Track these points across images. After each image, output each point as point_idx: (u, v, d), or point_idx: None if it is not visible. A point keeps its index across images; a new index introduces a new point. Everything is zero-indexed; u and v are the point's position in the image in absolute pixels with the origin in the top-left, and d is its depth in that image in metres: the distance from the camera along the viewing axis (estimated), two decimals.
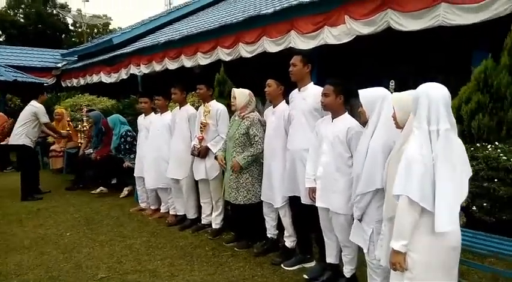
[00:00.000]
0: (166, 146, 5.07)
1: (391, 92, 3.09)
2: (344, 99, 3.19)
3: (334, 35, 6.01)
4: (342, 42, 5.93)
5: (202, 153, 4.50)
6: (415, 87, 2.81)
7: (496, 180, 3.57)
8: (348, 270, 3.26)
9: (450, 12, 4.58)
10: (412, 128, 2.11)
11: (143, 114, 5.65)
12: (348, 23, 5.76)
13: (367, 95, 2.77)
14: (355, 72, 6.99)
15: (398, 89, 5.25)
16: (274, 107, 3.98)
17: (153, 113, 5.58)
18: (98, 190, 6.78)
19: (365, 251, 2.89)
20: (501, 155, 3.59)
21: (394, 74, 6.59)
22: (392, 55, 7.08)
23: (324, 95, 3.20)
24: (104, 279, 3.64)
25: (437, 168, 1.99)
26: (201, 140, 4.52)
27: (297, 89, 3.75)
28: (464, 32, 4.86)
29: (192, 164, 4.77)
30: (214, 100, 4.68)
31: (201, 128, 4.51)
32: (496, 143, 3.71)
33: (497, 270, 3.02)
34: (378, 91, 2.81)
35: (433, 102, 2.04)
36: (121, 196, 6.53)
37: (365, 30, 5.58)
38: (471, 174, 2.13)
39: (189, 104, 5.11)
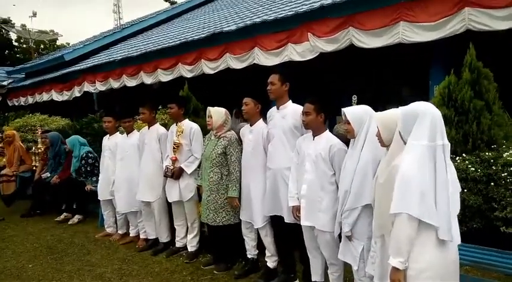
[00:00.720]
0: (137, 167, 4.92)
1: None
2: (324, 117, 3.23)
3: (298, 52, 6.09)
4: (306, 59, 6.01)
5: (176, 174, 4.38)
6: (375, 101, 2.95)
7: (465, 190, 3.72)
8: None
9: (409, 30, 4.79)
10: (408, 144, 2.14)
11: (107, 135, 5.45)
12: (312, 40, 5.87)
13: (355, 113, 2.83)
14: (317, 87, 7.14)
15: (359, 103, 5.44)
16: (251, 125, 3.96)
17: (117, 133, 5.39)
18: (62, 216, 6.37)
19: (355, 268, 2.91)
20: (469, 166, 3.75)
21: (354, 89, 6.82)
22: (352, 70, 7.31)
23: (305, 113, 3.23)
24: None
25: (440, 182, 2.05)
26: (174, 160, 4.41)
27: (275, 107, 3.76)
28: (422, 48, 5.11)
29: (163, 186, 4.64)
30: (187, 119, 4.58)
31: (174, 148, 4.39)
32: (464, 154, 3.88)
33: (474, 278, 3.13)
34: (364, 108, 2.87)
35: (438, 119, 2.13)
36: (69, 223, 6.21)
37: (328, 47, 5.69)
38: (460, 189, 2.21)
39: (158, 123, 4.97)
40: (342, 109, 2.91)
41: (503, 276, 3.20)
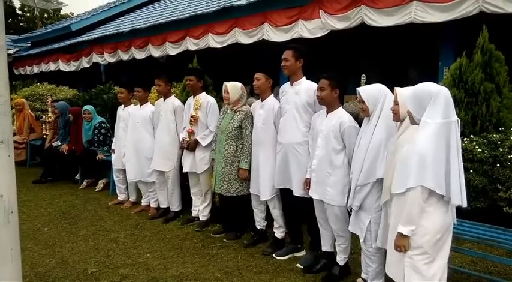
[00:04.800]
0: (147, 138, 5.04)
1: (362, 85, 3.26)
2: (339, 93, 3.30)
3: (308, 29, 6.09)
4: (316, 36, 6.02)
5: (191, 146, 4.49)
6: (383, 82, 3.03)
7: (471, 170, 3.84)
8: (341, 259, 3.41)
9: (422, 10, 4.80)
10: (422, 122, 2.26)
11: (122, 105, 5.54)
12: (323, 17, 5.86)
13: (370, 92, 2.90)
14: (325, 66, 7.17)
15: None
16: (262, 101, 4.03)
17: (132, 104, 5.48)
18: (85, 183, 6.56)
19: (361, 240, 3.05)
20: (476, 147, 3.85)
21: (363, 68, 6.86)
22: (361, 50, 7.32)
23: (320, 89, 3.29)
24: (96, 274, 3.58)
25: (453, 154, 2.22)
26: (190, 133, 4.51)
27: (288, 83, 3.83)
28: (432, 29, 5.12)
29: (178, 156, 4.79)
30: (204, 92, 4.64)
31: (191, 121, 4.49)
32: (471, 136, 3.97)
33: (478, 253, 3.27)
34: (379, 87, 2.94)
35: (449, 97, 2.28)
36: (96, 190, 6.37)
37: (339, 25, 5.70)
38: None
39: (173, 95, 5.05)
40: (357, 88, 2.98)
41: (506, 252, 3.35)
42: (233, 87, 4.10)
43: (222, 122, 4.22)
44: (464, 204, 2.25)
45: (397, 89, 2.63)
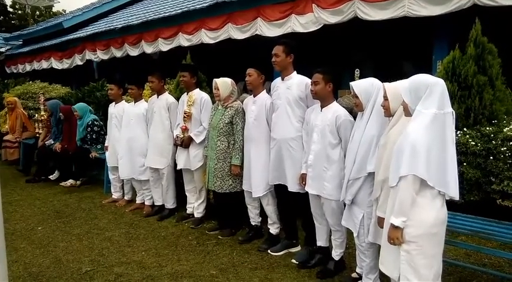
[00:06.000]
0: (141, 135, 5.01)
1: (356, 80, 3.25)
2: (333, 87, 3.28)
3: (301, 23, 6.07)
4: (309, 30, 6.01)
5: (185, 143, 4.47)
6: (377, 76, 3.02)
7: (464, 163, 3.84)
8: (337, 254, 3.40)
9: (415, 3, 4.79)
10: (416, 112, 2.24)
11: (113, 102, 5.49)
12: (316, 11, 5.84)
13: (363, 86, 2.89)
14: (319, 60, 7.14)
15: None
16: (254, 96, 4.01)
17: (123, 100, 5.44)
18: (68, 183, 6.52)
19: (355, 235, 3.05)
20: (469, 140, 3.85)
21: (356, 63, 6.84)
22: (355, 44, 7.30)
23: (314, 83, 3.27)
24: (90, 273, 3.56)
25: (449, 145, 2.21)
26: (184, 130, 4.48)
27: (279, 78, 3.81)
28: (426, 22, 5.11)
29: (173, 154, 4.77)
30: (197, 89, 4.60)
31: (184, 117, 4.46)
32: (465, 129, 3.97)
33: (472, 246, 3.28)
34: (371, 81, 2.92)
35: (445, 89, 2.25)
36: (62, 184, 6.47)
37: (333, 19, 5.68)
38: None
39: (167, 92, 5.01)
40: (350, 83, 2.96)
41: (499, 244, 3.36)
42: (223, 84, 4.08)
43: (213, 118, 4.20)
44: (457, 197, 2.24)
45: (385, 84, 2.62)
